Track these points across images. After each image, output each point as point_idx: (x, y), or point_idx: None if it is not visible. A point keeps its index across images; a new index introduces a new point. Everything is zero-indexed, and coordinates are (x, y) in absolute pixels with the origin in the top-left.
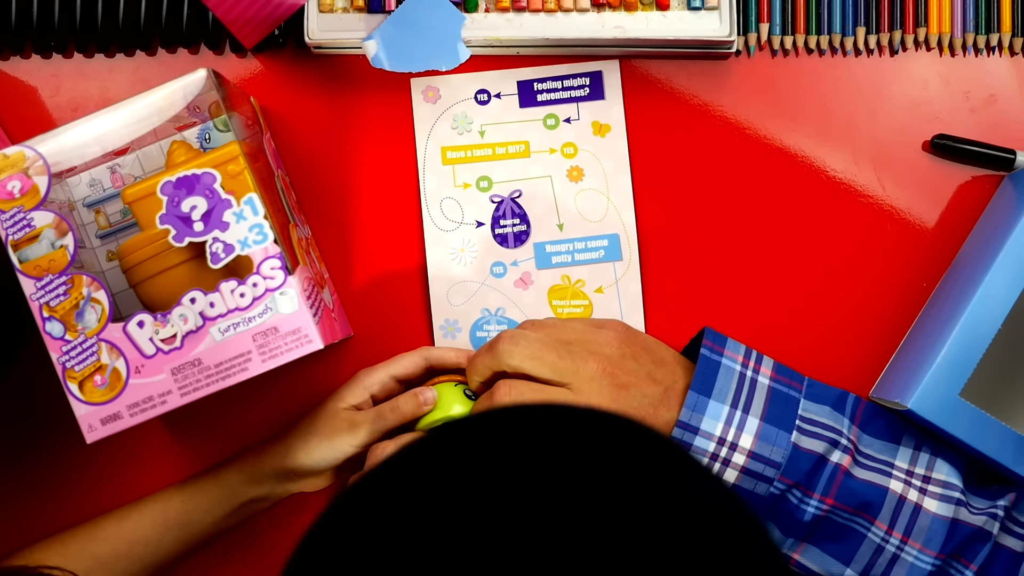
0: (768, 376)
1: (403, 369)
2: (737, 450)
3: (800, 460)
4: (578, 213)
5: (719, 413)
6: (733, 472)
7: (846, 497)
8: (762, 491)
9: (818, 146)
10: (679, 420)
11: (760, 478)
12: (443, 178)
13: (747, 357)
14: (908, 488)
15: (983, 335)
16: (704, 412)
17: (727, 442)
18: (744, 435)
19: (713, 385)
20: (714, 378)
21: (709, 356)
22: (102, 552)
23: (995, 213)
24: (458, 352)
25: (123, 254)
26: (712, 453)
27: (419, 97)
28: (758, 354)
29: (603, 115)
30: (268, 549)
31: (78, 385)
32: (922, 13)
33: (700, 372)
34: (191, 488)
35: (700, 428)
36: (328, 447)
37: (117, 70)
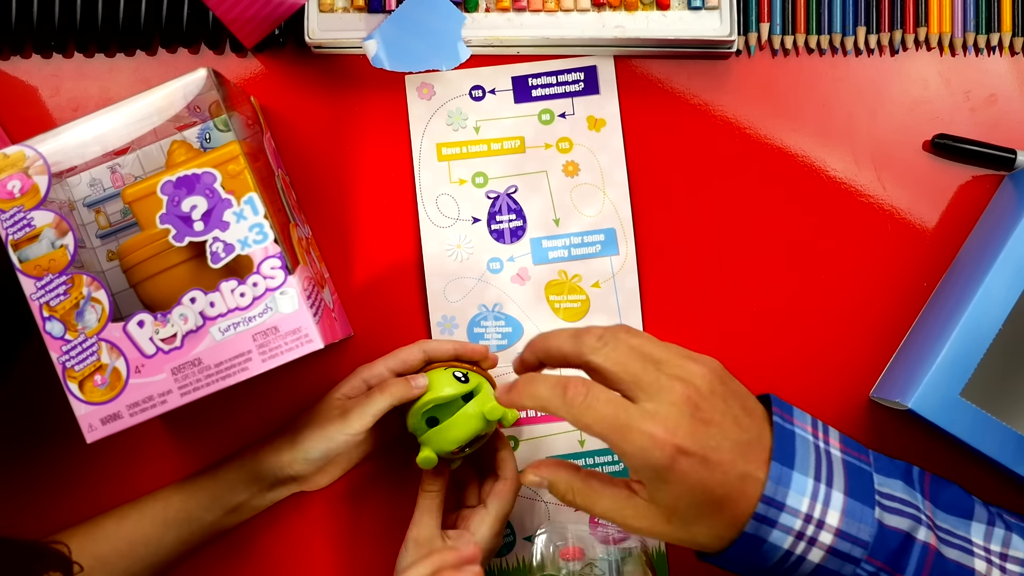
0: (838, 448)
1: (401, 363)
2: (824, 528)
3: (887, 538)
4: (574, 208)
5: (804, 487)
6: (819, 552)
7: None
8: (848, 572)
9: (818, 146)
10: (764, 495)
11: (847, 559)
12: (438, 174)
13: (815, 427)
14: (990, 567)
15: (983, 335)
16: (789, 486)
17: (814, 519)
18: (831, 511)
19: (794, 456)
20: (793, 448)
21: (783, 425)
22: (102, 551)
23: (995, 213)
24: (455, 343)
25: (123, 254)
26: (798, 531)
27: (414, 94)
28: (823, 424)
29: (598, 110)
30: (267, 550)
31: (78, 385)
32: (922, 13)
33: (779, 441)
34: (190, 487)
35: (786, 504)
36: (320, 437)
37: (117, 70)
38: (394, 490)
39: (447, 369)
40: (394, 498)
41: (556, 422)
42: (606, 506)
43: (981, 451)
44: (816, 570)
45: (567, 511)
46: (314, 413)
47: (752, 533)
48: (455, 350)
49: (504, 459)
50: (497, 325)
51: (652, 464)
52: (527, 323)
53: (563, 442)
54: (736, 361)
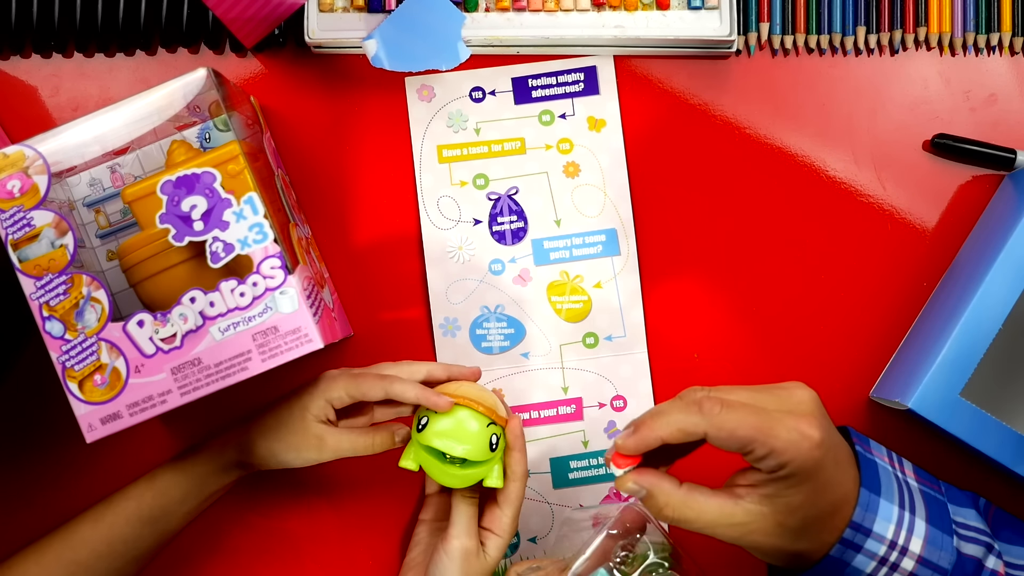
0: (914, 479)
1: (362, 395)
2: (907, 555)
3: (965, 565)
4: (575, 208)
5: (890, 514)
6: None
7: None
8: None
9: (818, 146)
10: (852, 520)
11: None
12: (439, 176)
13: (891, 458)
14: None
15: (983, 335)
16: (876, 512)
17: (898, 546)
18: (914, 539)
19: (879, 484)
20: (877, 477)
21: (865, 454)
22: (80, 556)
23: (995, 213)
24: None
25: (123, 253)
26: (882, 557)
27: (414, 96)
28: (897, 455)
29: (598, 110)
30: (266, 549)
31: (78, 384)
32: (922, 12)
33: (865, 469)
34: (161, 482)
35: (873, 530)
36: (294, 456)
37: (117, 70)
38: (395, 487)
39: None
40: (393, 494)
41: (558, 423)
42: (712, 516)
43: (981, 451)
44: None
45: (568, 511)
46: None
47: (837, 557)
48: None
49: (516, 460)
50: (499, 326)
51: (802, 458)
52: (529, 324)
53: (566, 443)
54: (737, 361)
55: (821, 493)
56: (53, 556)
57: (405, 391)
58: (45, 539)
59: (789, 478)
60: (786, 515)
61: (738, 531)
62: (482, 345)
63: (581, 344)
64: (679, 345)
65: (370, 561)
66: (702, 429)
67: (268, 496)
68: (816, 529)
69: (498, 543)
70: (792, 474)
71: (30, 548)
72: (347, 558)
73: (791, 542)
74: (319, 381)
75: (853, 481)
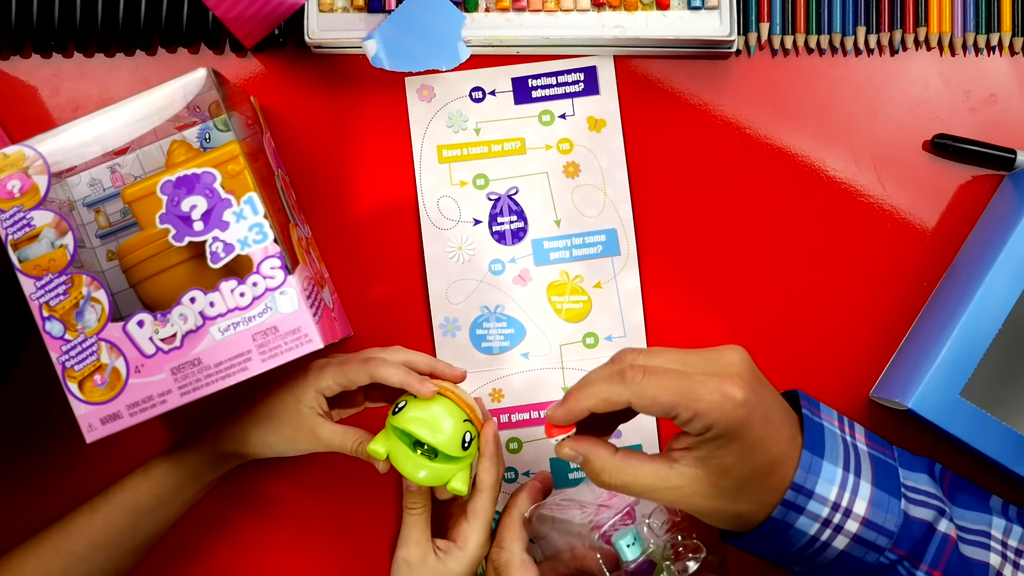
0: (864, 442)
1: (349, 382)
2: (851, 516)
3: (912, 528)
4: (575, 209)
5: (833, 476)
6: (844, 539)
7: (953, 571)
8: (871, 560)
9: (818, 146)
10: (794, 482)
11: (871, 547)
12: (439, 176)
13: (841, 422)
14: (1004, 563)
15: (983, 335)
16: (819, 474)
17: (841, 507)
18: (858, 500)
19: (824, 447)
20: (823, 440)
21: (812, 418)
22: (78, 547)
23: (995, 213)
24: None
25: (123, 253)
26: (825, 519)
27: (414, 96)
28: (848, 419)
29: (598, 110)
30: (267, 548)
31: (78, 384)
32: (922, 12)
33: (810, 432)
34: (156, 472)
35: (815, 491)
36: (289, 447)
37: (117, 70)
38: (385, 481)
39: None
40: (383, 488)
41: None
42: (648, 481)
43: (981, 451)
44: (840, 556)
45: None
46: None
47: (779, 518)
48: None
49: (485, 468)
50: (499, 327)
51: (727, 418)
52: (529, 324)
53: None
54: None
55: (752, 452)
56: (51, 548)
57: (389, 374)
58: (43, 532)
59: (718, 439)
60: (719, 476)
61: (676, 494)
62: (482, 345)
63: (581, 344)
64: (679, 345)
65: (360, 556)
66: (625, 398)
67: (257, 494)
68: (753, 489)
69: (461, 558)
70: (720, 435)
71: (28, 541)
72: (337, 555)
73: (730, 503)
74: (308, 372)
75: (790, 440)
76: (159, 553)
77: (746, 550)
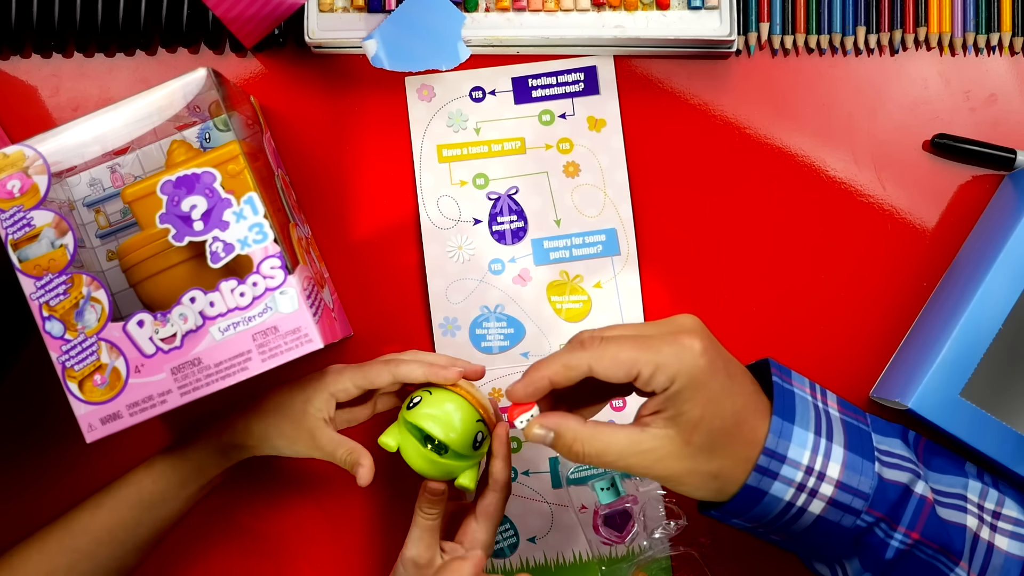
0: (836, 409)
1: (369, 383)
2: (825, 480)
3: (887, 491)
4: (575, 208)
5: (805, 440)
6: (820, 503)
7: (931, 533)
8: (848, 523)
9: (818, 146)
10: (765, 447)
11: (848, 510)
12: (439, 176)
13: (812, 389)
14: (981, 525)
15: (983, 335)
16: (790, 439)
17: (815, 471)
18: (831, 464)
19: (794, 412)
20: (793, 405)
21: (782, 385)
22: (82, 544)
23: (995, 213)
24: (427, 369)
25: (123, 253)
26: (799, 483)
27: (414, 95)
28: (821, 387)
29: (598, 110)
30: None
31: (78, 384)
32: (922, 12)
33: (780, 398)
34: (160, 467)
35: (787, 456)
36: (285, 444)
37: (117, 70)
38: (386, 485)
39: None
40: (384, 492)
41: None
42: (620, 447)
43: (981, 451)
44: (817, 521)
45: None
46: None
47: (754, 485)
48: (425, 376)
49: (498, 468)
50: (499, 326)
51: (688, 366)
52: (529, 324)
53: None
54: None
55: (718, 402)
56: (55, 544)
57: (412, 371)
58: (46, 528)
59: (683, 391)
60: (690, 432)
61: (650, 458)
62: (482, 345)
63: None
64: None
65: (360, 560)
66: (586, 362)
67: (257, 497)
68: (725, 442)
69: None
70: (684, 386)
71: (32, 538)
72: (337, 558)
73: (704, 461)
74: (325, 375)
75: (754, 394)
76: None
77: (725, 522)
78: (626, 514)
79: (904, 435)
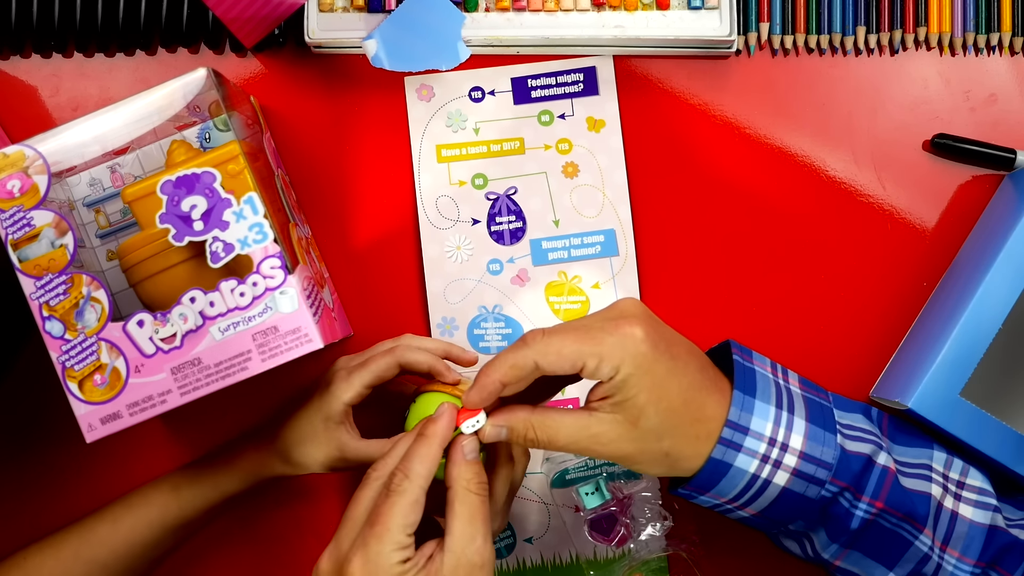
0: (797, 387)
1: (378, 379)
2: (788, 451)
3: (850, 461)
4: (574, 209)
5: (767, 413)
6: (784, 475)
7: (895, 501)
8: (813, 494)
9: (818, 146)
10: (728, 419)
11: (812, 480)
12: (438, 176)
13: (774, 368)
14: (945, 494)
15: (983, 335)
16: (752, 412)
17: (778, 443)
18: (794, 435)
19: (755, 387)
20: (754, 381)
21: (743, 363)
22: (99, 556)
23: (995, 213)
24: (430, 359)
25: (123, 253)
26: (763, 455)
27: (413, 95)
28: (782, 367)
29: (597, 110)
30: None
31: (78, 384)
32: (922, 12)
33: (740, 374)
34: (188, 494)
35: (750, 428)
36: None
37: (117, 70)
38: None
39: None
40: None
41: None
42: (570, 431)
43: (981, 451)
44: (782, 493)
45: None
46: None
47: (719, 458)
48: (430, 365)
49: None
50: (497, 326)
51: (631, 354)
52: (527, 324)
53: None
54: None
55: (663, 385)
56: (70, 552)
57: (417, 358)
58: (61, 534)
59: (628, 379)
60: (637, 415)
61: (600, 441)
62: (480, 345)
63: None
64: None
65: None
66: (531, 358)
67: (261, 497)
68: (672, 423)
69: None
70: (629, 374)
71: (45, 542)
72: None
73: (653, 441)
74: (332, 383)
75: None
76: None
77: (695, 499)
78: (612, 518)
79: (867, 412)
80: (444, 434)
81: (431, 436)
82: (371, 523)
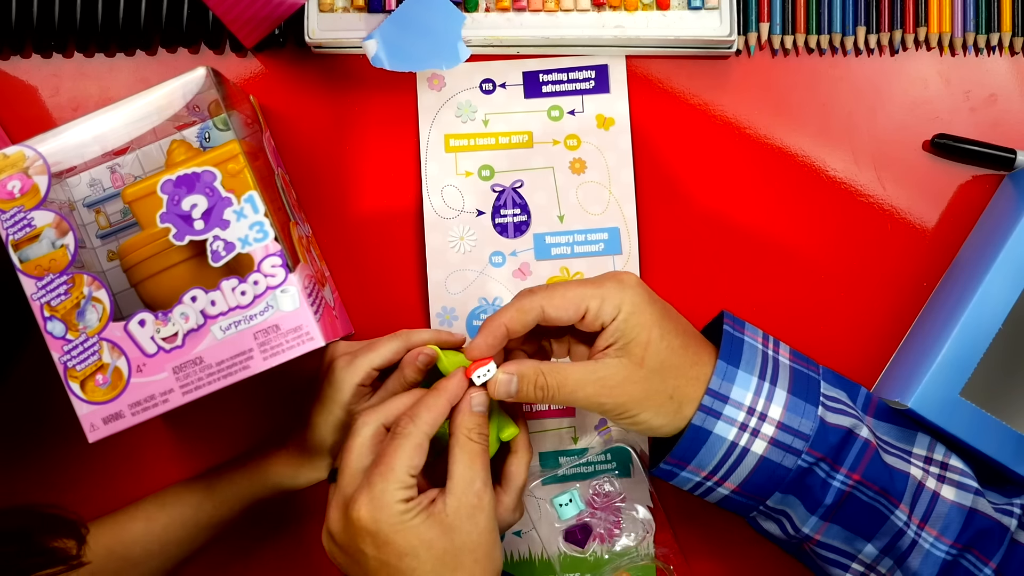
0: (787, 358)
1: (386, 360)
2: (766, 420)
3: (828, 433)
4: (579, 205)
5: (748, 383)
6: (762, 443)
7: (873, 475)
8: (790, 464)
9: (818, 146)
10: (708, 388)
11: (788, 450)
12: (445, 165)
13: (765, 339)
14: (927, 476)
15: (983, 335)
16: (733, 381)
17: (756, 412)
18: (773, 406)
19: (740, 358)
20: (740, 352)
21: (732, 333)
22: (132, 554)
23: (995, 213)
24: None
25: (123, 253)
26: (741, 423)
27: (424, 84)
28: (774, 339)
29: (607, 108)
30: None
31: (80, 384)
32: (922, 12)
33: (727, 344)
34: (223, 494)
35: (730, 397)
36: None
37: (117, 70)
38: None
39: None
40: None
41: (549, 417)
42: (578, 375)
43: (981, 451)
44: (760, 462)
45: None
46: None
47: (699, 424)
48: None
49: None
50: None
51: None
52: None
53: (556, 438)
54: None
55: (662, 324)
56: (103, 550)
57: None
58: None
59: (629, 319)
60: (641, 354)
61: (608, 384)
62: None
63: None
64: None
65: None
66: (538, 303)
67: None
68: (674, 362)
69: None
70: (630, 313)
71: None
72: None
73: (659, 381)
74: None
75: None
76: None
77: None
78: (587, 528)
79: (854, 390)
80: (455, 391)
81: (442, 389)
82: (376, 464)
